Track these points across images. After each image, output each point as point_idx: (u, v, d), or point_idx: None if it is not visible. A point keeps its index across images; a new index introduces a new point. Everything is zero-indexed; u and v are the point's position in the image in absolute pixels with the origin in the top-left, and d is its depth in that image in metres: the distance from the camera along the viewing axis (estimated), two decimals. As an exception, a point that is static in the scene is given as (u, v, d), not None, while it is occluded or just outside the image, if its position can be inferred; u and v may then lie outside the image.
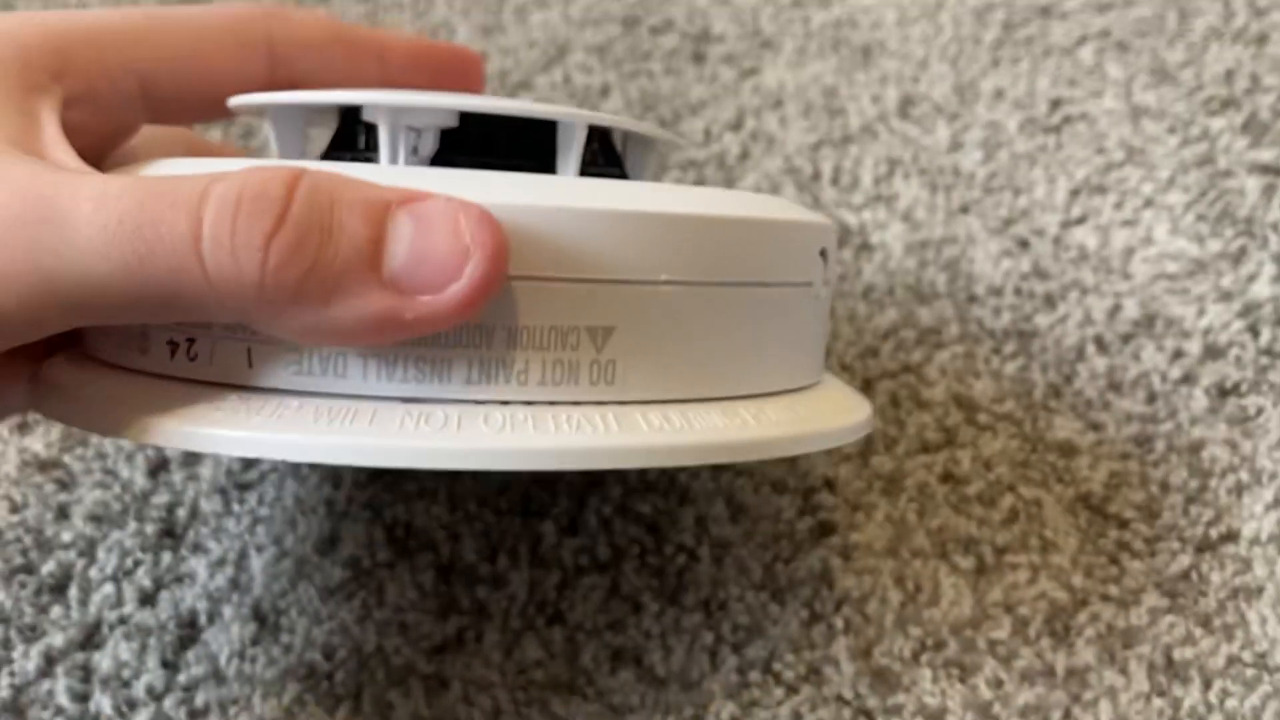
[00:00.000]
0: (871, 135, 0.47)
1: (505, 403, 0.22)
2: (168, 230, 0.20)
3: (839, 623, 0.32)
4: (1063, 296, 0.40)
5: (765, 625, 0.32)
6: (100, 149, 0.28)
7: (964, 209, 0.44)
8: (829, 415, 0.26)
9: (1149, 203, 0.43)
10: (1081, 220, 0.43)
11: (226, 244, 0.20)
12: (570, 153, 0.25)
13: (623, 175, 0.29)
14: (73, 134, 0.25)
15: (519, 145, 0.26)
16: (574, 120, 0.25)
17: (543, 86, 0.51)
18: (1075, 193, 0.44)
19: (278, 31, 0.28)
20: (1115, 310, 0.40)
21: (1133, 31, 0.50)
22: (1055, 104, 0.47)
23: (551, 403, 0.22)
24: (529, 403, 0.22)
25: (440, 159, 0.25)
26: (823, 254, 0.26)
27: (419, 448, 0.21)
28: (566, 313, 0.22)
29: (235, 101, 0.28)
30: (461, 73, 0.31)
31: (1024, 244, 0.42)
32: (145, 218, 0.20)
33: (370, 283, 0.20)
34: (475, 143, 0.26)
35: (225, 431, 0.22)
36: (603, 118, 0.26)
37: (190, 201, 0.20)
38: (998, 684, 0.31)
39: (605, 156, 0.28)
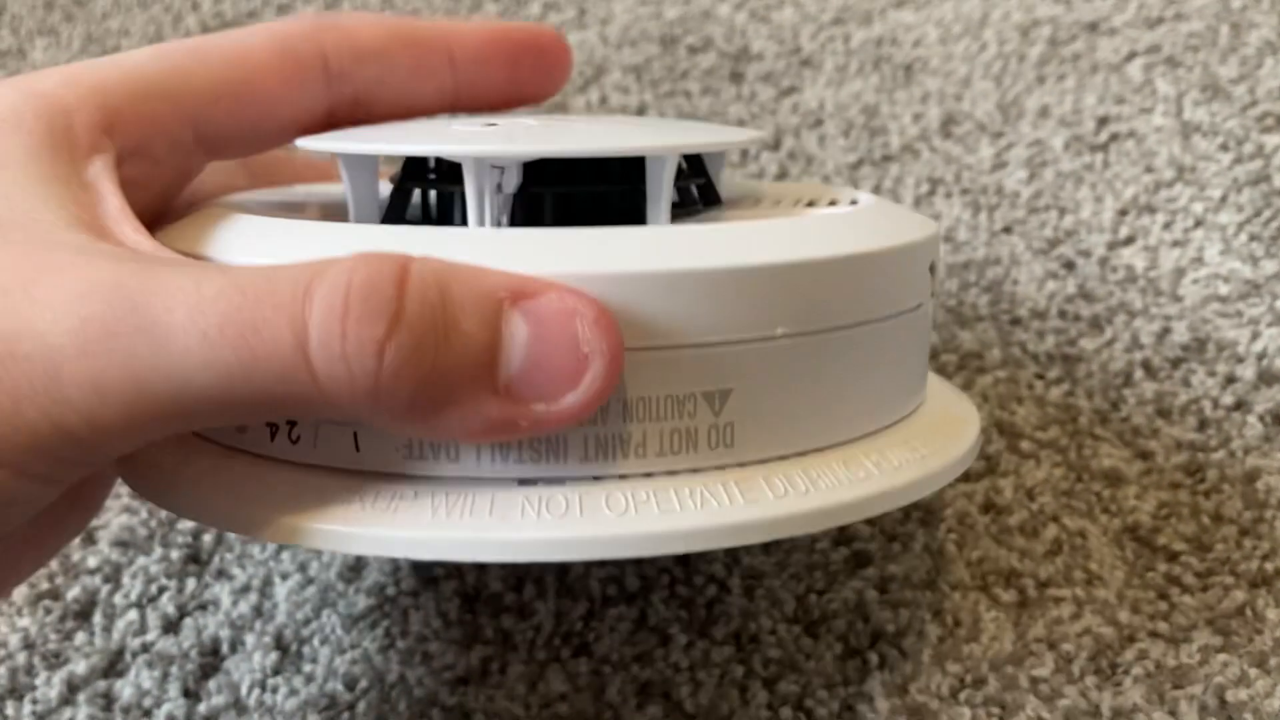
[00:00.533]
0: (913, 154, 0.46)
1: (623, 477, 0.21)
2: (271, 336, 0.18)
3: (874, 658, 0.31)
4: (1109, 319, 0.39)
5: (798, 660, 0.31)
6: (164, 198, 0.26)
7: (1007, 229, 0.43)
8: (946, 443, 0.25)
9: (1200, 222, 0.42)
10: (1129, 241, 0.42)
11: (337, 349, 0.18)
12: (661, 188, 0.24)
13: (712, 189, 0.27)
14: (131, 190, 0.23)
15: (606, 170, 0.25)
16: (664, 154, 0.24)
17: (579, 107, 0.51)
18: (1123, 212, 0.43)
19: (330, 43, 0.26)
20: (1164, 333, 0.38)
21: (1184, 46, 0.49)
22: (1102, 121, 0.46)
23: (671, 473, 0.22)
24: (649, 475, 0.21)
25: (523, 190, 0.24)
26: (931, 268, 0.25)
27: (544, 539, 0.20)
28: (682, 380, 0.21)
29: (302, 145, 0.26)
30: (542, 58, 0.29)
31: (1069, 265, 0.41)
32: (246, 323, 0.18)
33: (485, 390, 0.19)
34: (560, 171, 0.25)
35: (337, 527, 0.21)
36: (694, 141, 0.24)
37: (294, 304, 0.19)
38: (1040, 724, 0.29)
39: (690, 164, 0.27)
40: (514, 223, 0.24)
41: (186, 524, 0.35)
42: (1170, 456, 0.35)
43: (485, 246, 0.21)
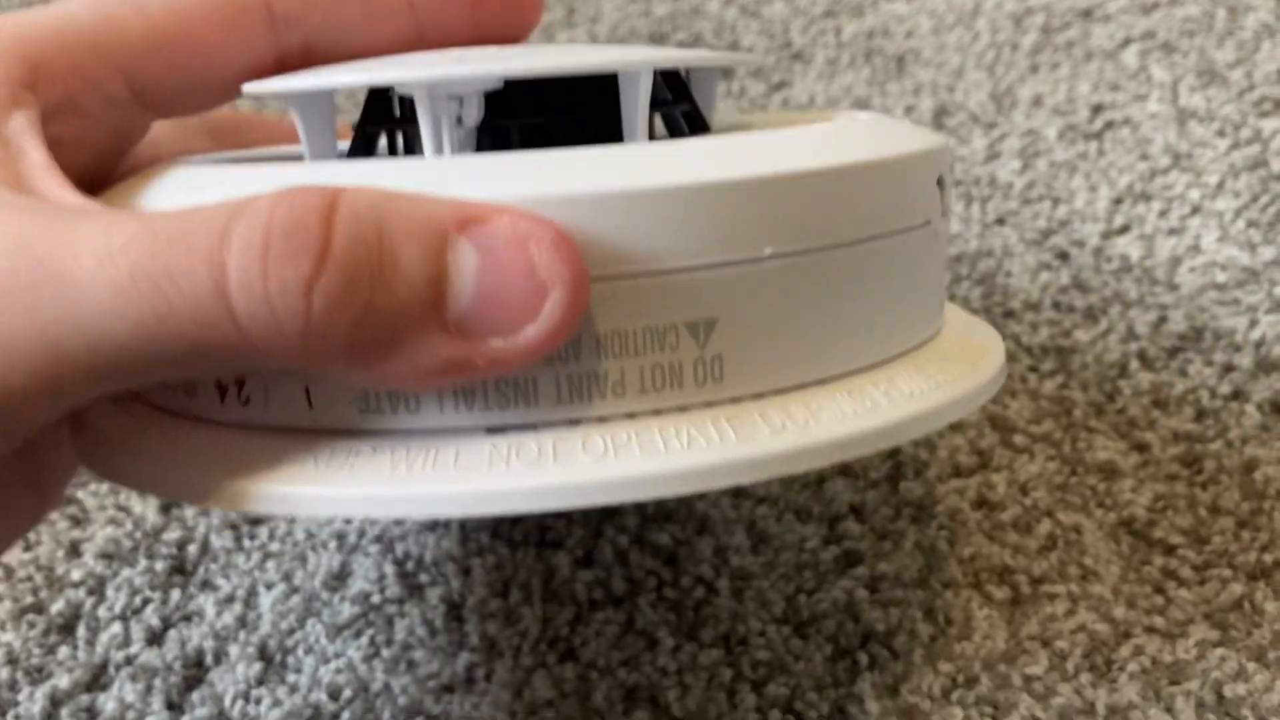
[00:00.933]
0: (903, 147, 0.46)
1: (602, 419, 0.19)
2: (188, 281, 0.17)
3: (864, 659, 0.30)
4: (1104, 310, 0.38)
5: (787, 661, 0.30)
6: (103, 159, 0.24)
7: (1000, 220, 0.42)
8: (965, 370, 0.23)
9: (1196, 209, 0.41)
10: (1124, 230, 0.41)
11: (259, 291, 0.17)
12: (635, 108, 0.22)
13: (699, 117, 0.25)
14: (63, 149, 0.22)
15: (576, 96, 0.23)
16: (637, 69, 0.21)
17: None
18: (1118, 201, 0.42)
19: None
20: (1160, 323, 0.38)
21: (1180, 31, 0.48)
22: (1097, 109, 0.45)
23: (656, 411, 0.20)
24: (631, 415, 0.20)
25: (488, 124, 0.22)
26: (939, 182, 0.23)
27: (513, 489, 0.18)
28: (661, 310, 0.19)
29: (249, 90, 0.24)
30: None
31: (1063, 256, 0.40)
32: (160, 269, 0.17)
33: (432, 328, 0.18)
34: (526, 99, 0.22)
35: (288, 489, 0.19)
36: (670, 56, 0.22)
37: (210, 245, 0.17)
38: (1034, 723, 0.29)
39: (674, 91, 0.25)
40: None
41: (172, 534, 0.35)
42: (1167, 448, 0.34)
43: (433, 174, 0.19)
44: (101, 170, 0.25)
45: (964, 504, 0.33)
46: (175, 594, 0.33)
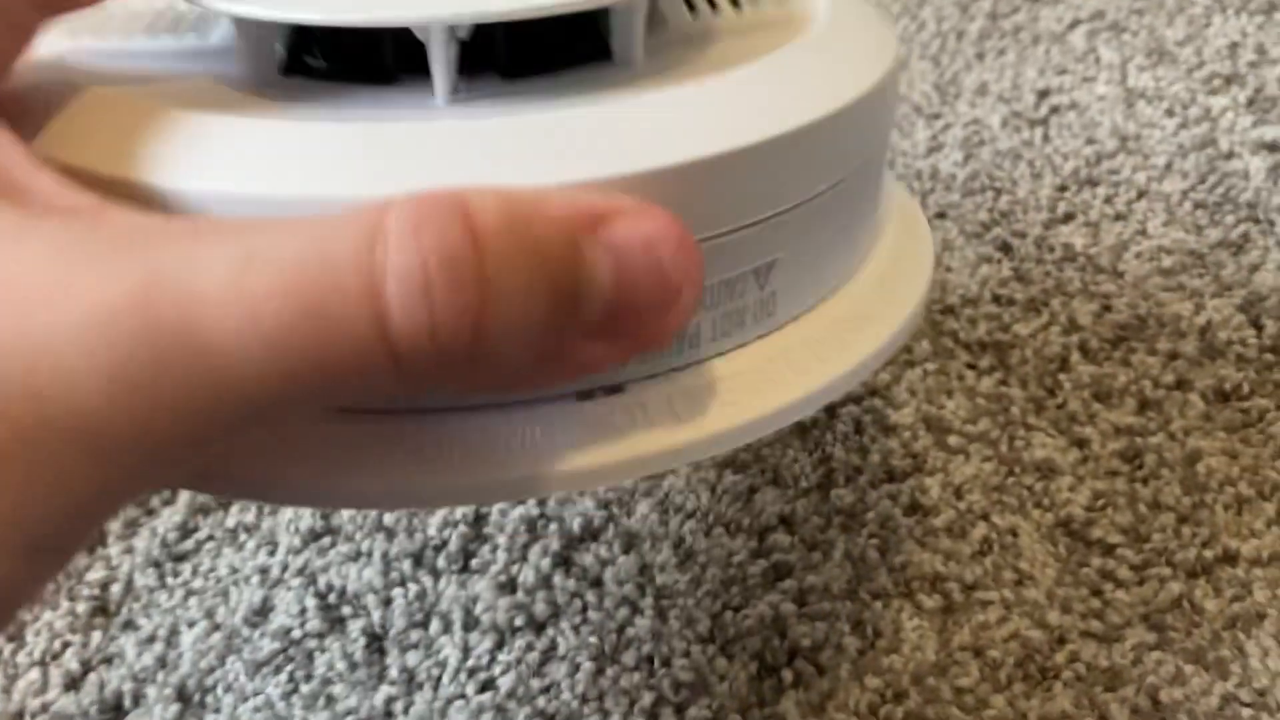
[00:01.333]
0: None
1: (676, 370, 0.20)
2: (344, 322, 0.16)
3: (789, 676, 0.29)
4: (1045, 302, 0.37)
5: (710, 682, 0.29)
6: None
7: (941, 214, 0.41)
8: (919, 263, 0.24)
9: (1143, 193, 0.40)
10: (1069, 218, 0.40)
11: (424, 325, 0.16)
12: (631, 37, 0.21)
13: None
14: None
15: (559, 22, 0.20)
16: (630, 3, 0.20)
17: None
18: (1062, 189, 0.41)
19: None
20: (1103, 313, 0.36)
21: (1129, 10, 0.47)
22: (1043, 95, 0.44)
23: (720, 354, 0.20)
24: (700, 362, 0.20)
25: (469, 66, 0.20)
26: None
27: (607, 464, 0.19)
28: (733, 263, 0.19)
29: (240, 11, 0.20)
30: None
31: (1005, 248, 0.39)
32: (313, 312, 0.15)
33: (574, 339, 0.17)
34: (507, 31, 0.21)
35: (450, 480, 0.19)
36: None
37: (363, 280, 0.16)
38: (964, 737, 0.28)
39: None
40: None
41: (95, 575, 0.34)
42: (1107, 443, 0.33)
43: (507, 145, 0.18)
44: None
45: (896, 510, 0.32)
46: (96, 636, 0.33)
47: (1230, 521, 0.31)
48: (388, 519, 0.34)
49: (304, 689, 0.31)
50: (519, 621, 0.31)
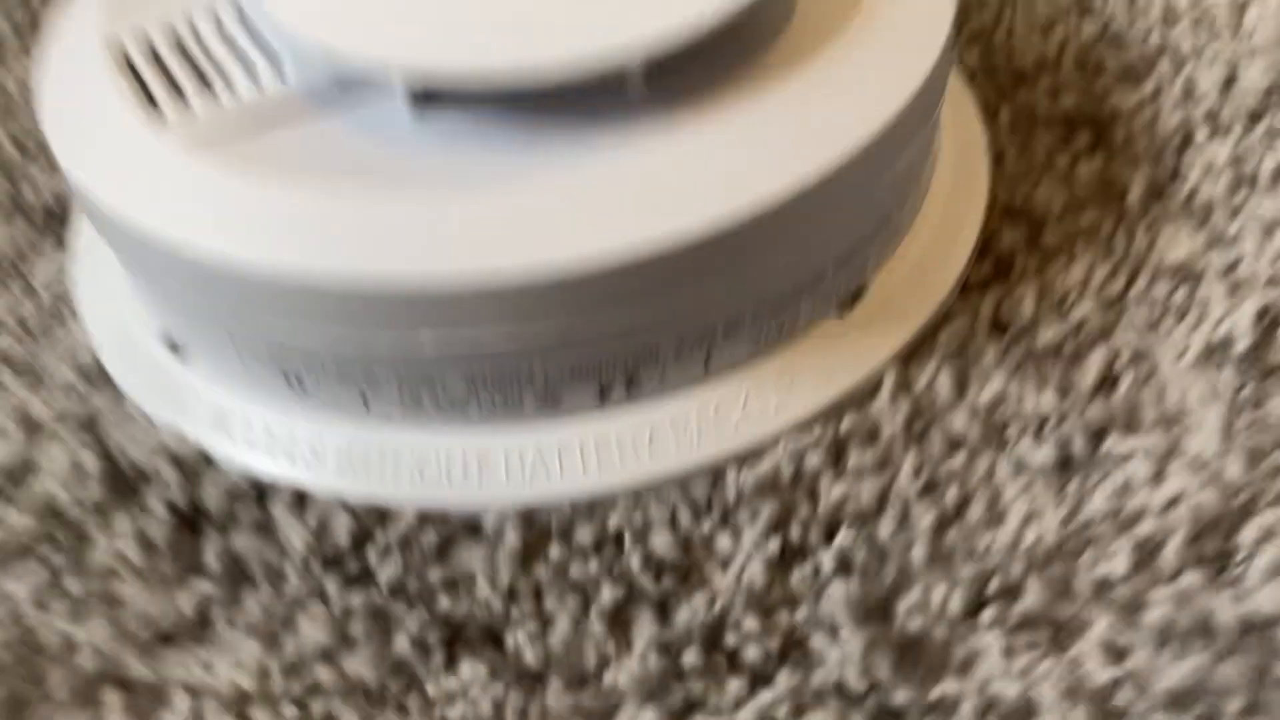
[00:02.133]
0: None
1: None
2: None
3: (826, 562, 0.19)
4: (1150, 68, 0.27)
5: (708, 570, 0.19)
6: None
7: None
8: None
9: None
10: (1166, -31, 0.30)
11: None
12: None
13: None
14: None
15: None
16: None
17: None
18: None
19: None
20: (1229, 82, 0.26)
21: None
22: None
23: None
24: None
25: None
26: None
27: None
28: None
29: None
30: None
31: (1086, 10, 0.29)
32: None
33: None
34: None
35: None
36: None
37: None
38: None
39: None
40: None
41: None
42: (1268, 244, 0.23)
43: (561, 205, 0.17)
44: None
45: (977, 327, 0.22)
46: None
47: None
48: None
49: (72, 587, 0.19)
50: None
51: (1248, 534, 0.19)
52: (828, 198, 0.18)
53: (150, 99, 0.20)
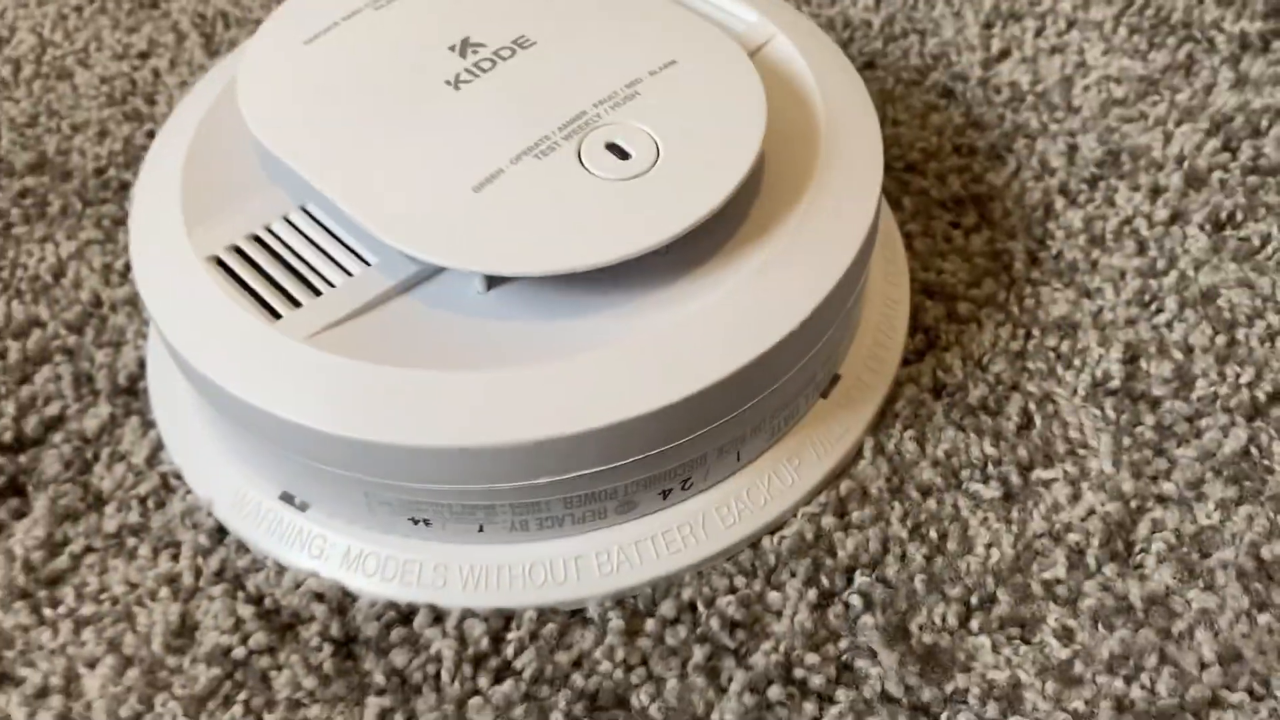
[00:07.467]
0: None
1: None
2: None
3: (856, 600, 0.25)
4: (1009, 147, 0.34)
5: (767, 622, 0.25)
6: None
7: (870, 64, 0.37)
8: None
9: (1072, 23, 0.37)
10: (1004, 55, 0.37)
11: None
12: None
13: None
14: None
15: None
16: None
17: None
18: (988, 26, 0.37)
19: None
20: (1072, 151, 0.33)
21: None
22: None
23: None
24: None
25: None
26: None
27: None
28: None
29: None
30: None
31: (948, 93, 0.36)
32: None
33: None
34: None
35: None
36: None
37: None
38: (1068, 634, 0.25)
39: None
40: None
41: (-60, 622, 0.26)
42: (1120, 290, 0.30)
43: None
44: None
45: (923, 394, 0.29)
46: (-36, 702, 0.25)
47: (1269, 355, 0.28)
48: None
49: (268, 719, 0.24)
50: (524, 590, 0.26)
51: (1142, 529, 0.26)
52: (825, 317, 0.25)
53: (261, 302, 0.24)
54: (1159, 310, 0.30)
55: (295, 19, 0.28)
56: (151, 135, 0.36)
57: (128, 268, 0.33)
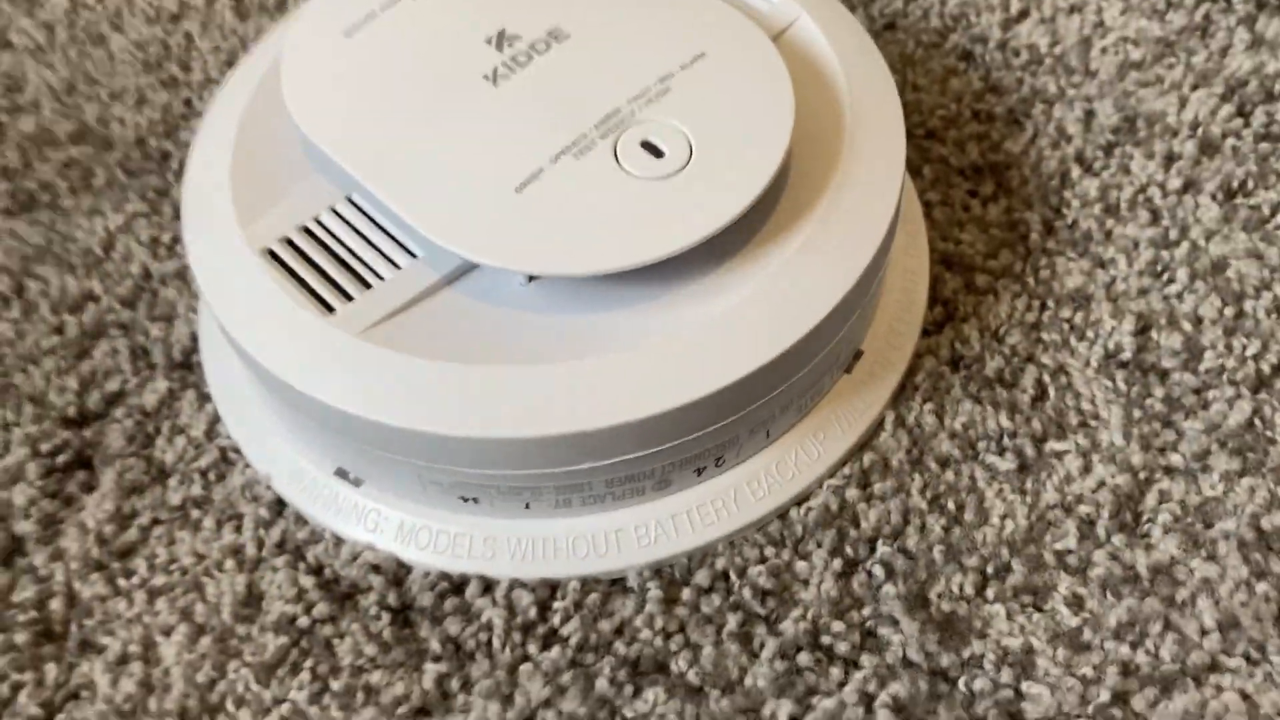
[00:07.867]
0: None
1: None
2: None
3: (879, 570, 0.27)
4: (1027, 113, 0.35)
5: (795, 589, 0.27)
6: None
7: (890, 25, 0.37)
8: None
9: (1092, -20, 0.37)
10: (1023, 15, 0.37)
11: None
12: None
13: None
14: None
15: None
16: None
17: None
18: (1008, -18, 0.38)
19: None
20: (1089, 117, 0.34)
21: None
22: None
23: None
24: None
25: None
26: None
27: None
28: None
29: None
30: None
31: (967, 56, 0.36)
32: None
33: None
34: None
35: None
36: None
37: None
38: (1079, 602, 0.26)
39: None
40: None
41: (23, 593, 0.28)
42: (1133, 260, 0.31)
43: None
44: None
45: (942, 366, 0.30)
46: (51, 669, 0.27)
47: (1275, 327, 0.30)
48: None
49: (335, 685, 0.26)
50: (568, 562, 0.28)
51: (1149, 501, 0.27)
52: (853, 302, 0.26)
53: (314, 295, 0.26)
54: (1170, 281, 0.31)
55: (335, 6, 0.28)
56: (189, 104, 0.37)
57: (174, 240, 0.34)
